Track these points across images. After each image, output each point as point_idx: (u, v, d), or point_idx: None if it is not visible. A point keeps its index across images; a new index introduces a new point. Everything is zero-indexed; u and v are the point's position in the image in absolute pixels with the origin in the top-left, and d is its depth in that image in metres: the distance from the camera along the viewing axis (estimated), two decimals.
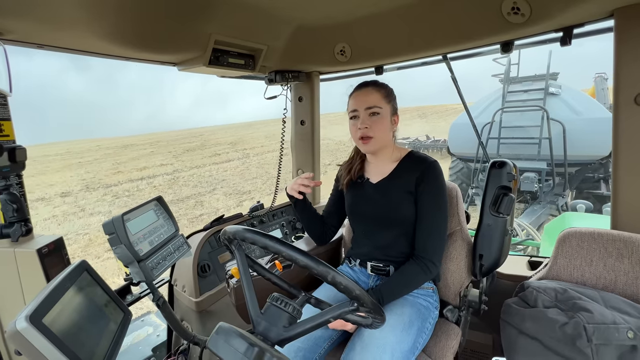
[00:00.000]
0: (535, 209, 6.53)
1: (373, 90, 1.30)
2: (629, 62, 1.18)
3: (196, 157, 20.36)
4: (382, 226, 1.32)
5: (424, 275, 1.23)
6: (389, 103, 1.31)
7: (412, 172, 1.29)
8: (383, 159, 1.37)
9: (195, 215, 9.92)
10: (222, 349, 0.67)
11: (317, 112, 2.14)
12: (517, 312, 1.16)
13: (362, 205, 1.38)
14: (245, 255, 0.88)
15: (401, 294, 1.23)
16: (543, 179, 6.98)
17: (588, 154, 6.94)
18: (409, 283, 1.23)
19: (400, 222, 1.29)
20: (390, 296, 1.20)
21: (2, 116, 1.14)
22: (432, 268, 1.22)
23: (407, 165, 1.32)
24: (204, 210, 10.43)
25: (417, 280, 1.23)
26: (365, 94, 1.31)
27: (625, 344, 0.96)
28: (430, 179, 1.26)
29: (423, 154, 1.35)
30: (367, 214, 1.36)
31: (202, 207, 10.86)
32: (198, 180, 14.51)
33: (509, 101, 7.63)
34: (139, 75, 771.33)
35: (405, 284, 1.22)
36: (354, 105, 1.31)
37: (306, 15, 1.55)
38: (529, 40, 1.43)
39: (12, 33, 1.06)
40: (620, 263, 1.15)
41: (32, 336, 0.59)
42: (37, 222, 9.11)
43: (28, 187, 1.24)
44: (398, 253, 1.31)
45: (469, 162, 8.31)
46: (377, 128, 1.28)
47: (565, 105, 7.20)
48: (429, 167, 1.28)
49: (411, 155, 1.36)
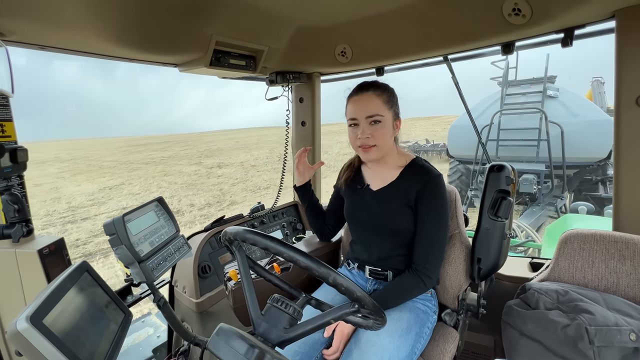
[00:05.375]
0: (534, 211, 6.55)
1: (373, 96, 1.22)
2: (630, 63, 1.18)
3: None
4: (380, 235, 1.30)
5: (419, 289, 1.22)
6: (391, 109, 1.23)
7: (414, 183, 1.24)
8: (385, 165, 1.32)
9: None
10: (223, 350, 0.66)
11: (318, 113, 2.14)
12: (519, 314, 1.16)
13: (361, 212, 1.35)
14: (246, 257, 0.87)
15: (395, 304, 1.22)
16: (542, 181, 7.00)
17: (586, 156, 6.98)
18: (403, 295, 1.22)
19: (397, 232, 1.26)
20: (383, 306, 1.18)
21: (4, 117, 1.14)
22: (428, 282, 1.21)
23: (409, 175, 1.27)
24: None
25: (411, 293, 1.23)
26: (365, 100, 1.22)
27: (627, 346, 0.96)
28: (431, 194, 1.21)
29: (427, 165, 1.30)
30: (365, 221, 1.34)
31: None
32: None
33: (507, 104, 7.67)
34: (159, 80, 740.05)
35: (399, 295, 1.22)
36: (353, 112, 1.24)
37: (307, 16, 1.55)
38: (529, 41, 1.43)
39: (14, 34, 1.06)
40: (622, 265, 1.14)
41: (33, 337, 0.59)
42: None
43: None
44: (396, 262, 1.30)
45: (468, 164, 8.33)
46: (378, 136, 1.21)
47: (563, 107, 7.25)
48: (431, 181, 1.22)
49: (415, 163, 1.30)
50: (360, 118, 1.22)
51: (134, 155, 28.15)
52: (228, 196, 11.74)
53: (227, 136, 47.18)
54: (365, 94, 1.23)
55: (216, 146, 31.17)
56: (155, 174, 17.61)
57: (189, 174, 17.05)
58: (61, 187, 15.02)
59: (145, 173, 18.08)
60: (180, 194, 12.47)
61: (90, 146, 44.09)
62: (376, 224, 1.30)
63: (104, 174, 18.33)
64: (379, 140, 1.22)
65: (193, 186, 13.95)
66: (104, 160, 25.12)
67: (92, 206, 11.44)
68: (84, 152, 33.82)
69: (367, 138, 1.22)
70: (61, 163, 24.67)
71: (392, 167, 1.31)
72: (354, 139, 1.26)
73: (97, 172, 19.18)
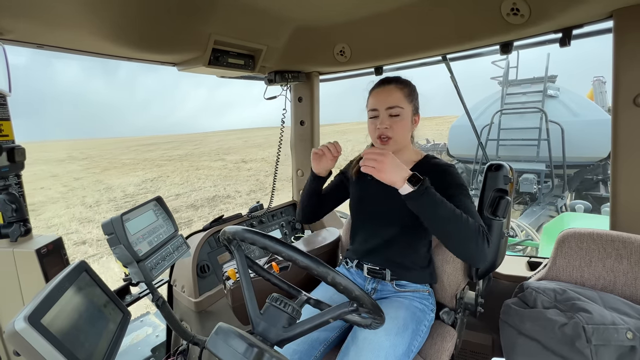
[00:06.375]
0: (535, 210, 6.55)
1: (395, 88, 1.23)
2: (628, 63, 1.19)
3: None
4: (385, 228, 1.31)
5: (478, 234, 1.02)
6: (411, 103, 1.25)
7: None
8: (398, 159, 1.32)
9: None
10: (222, 349, 0.66)
11: (317, 113, 2.14)
12: (517, 313, 1.16)
13: (368, 204, 1.36)
14: (244, 256, 0.87)
15: (441, 209, 1.02)
16: (542, 181, 7.00)
17: (586, 156, 6.97)
18: (458, 216, 1.02)
19: (402, 226, 1.27)
20: (433, 196, 1.02)
21: (2, 116, 1.14)
22: (488, 240, 1.05)
23: (422, 171, 1.21)
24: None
25: (467, 223, 1.02)
26: (387, 92, 1.24)
27: (624, 344, 0.97)
28: (446, 181, 1.18)
29: (439, 160, 1.29)
30: (372, 213, 1.35)
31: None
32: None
33: (507, 103, 7.66)
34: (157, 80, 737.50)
35: (453, 210, 1.03)
36: (374, 104, 1.25)
37: (306, 16, 1.55)
38: (528, 41, 1.43)
39: (12, 33, 1.06)
40: (619, 264, 1.15)
41: (31, 337, 0.59)
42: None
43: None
44: (396, 255, 1.30)
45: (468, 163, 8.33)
46: (397, 128, 1.22)
47: (564, 107, 7.24)
48: (443, 172, 1.21)
49: (427, 160, 1.30)
50: (380, 109, 1.24)
51: (146, 154, 28.49)
52: (266, 185, 12.56)
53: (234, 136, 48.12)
54: (388, 86, 1.25)
55: (226, 145, 31.59)
56: (185, 168, 18.18)
57: (219, 168, 17.72)
58: (103, 180, 15.87)
59: (174, 168, 18.58)
60: (222, 184, 13.43)
61: (98, 146, 45.08)
62: (383, 216, 1.30)
63: (135, 169, 18.83)
64: (397, 132, 1.23)
65: (229, 177, 14.82)
66: (121, 159, 25.43)
67: (147, 193, 12.33)
68: (95, 151, 34.18)
69: (386, 128, 1.23)
70: (79, 161, 25.16)
71: (406, 161, 1.30)
72: (373, 130, 1.27)
73: (125, 169, 19.53)
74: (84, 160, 25.11)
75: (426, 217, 1.06)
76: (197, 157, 23.46)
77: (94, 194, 12.79)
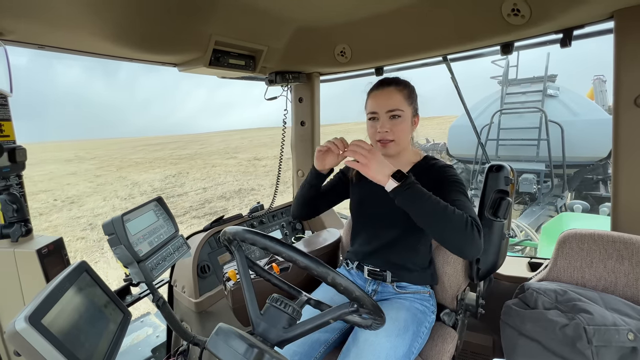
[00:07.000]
0: (534, 210, 6.54)
1: (395, 91, 1.22)
2: (629, 64, 1.19)
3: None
4: (385, 230, 1.31)
5: (467, 226, 1.00)
6: (411, 105, 1.24)
7: (424, 179, 1.17)
8: (398, 161, 1.31)
9: None
10: (222, 350, 0.66)
11: (318, 113, 2.14)
12: (517, 314, 1.16)
13: (369, 206, 1.36)
14: (245, 256, 0.87)
15: (426, 203, 1.01)
16: (542, 181, 7.00)
17: (586, 156, 6.97)
18: (443, 207, 1.01)
19: (404, 228, 1.26)
20: (418, 191, 1.02)
21: (3, 116, 1.14)
22: (478, 227, 1.02)
23: (420, 172, 1.26)
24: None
25: (454, 214, 1.00)
26: (387, 95, 1.23)
27: (625, 345, 0.96)
28: (443, 179, 1.19)
29: (438, 161, 1.30)
30: (373, 215, 1.34)
31: None
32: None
33: (507, 103, 7.65)
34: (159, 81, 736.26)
35: (438, 202, 1.02)
36: (374, 106, 1.24)
37: (306, 17, 1.55)
38: (529, 41, 1.43)
39: (13, 33, 1.06)
40: (621, 265, 1.15)
41: (31, 337, 0.59)
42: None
43: None
44: (397, 257, 1.30)
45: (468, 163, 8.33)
46: (397, 131, 1.22)
47: (564, 107, 7.23)
48: (440, 170, 1.23)
49: (426, 161, 1.31)
50: (380, 112, 1.23)
51: (155, 153, 28.48)
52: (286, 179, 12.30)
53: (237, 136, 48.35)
54: (387, 88, 1.24)
55: (232, 145, 31.65)
56: (201, 166, 18.42)
57: (234, 165, 18.04)
58: (125, 176, 16.16)
59: (190, 165, 18.82)
60: (243, 178, 13.90)
61: (102, 146, 44.88)
62: (384, 217, 1.30)
63: (152, 167, 19.04)
64: (398, 135, 1.22)
65: (248, 173, 15.21)
66: (131, 158, 25.46)
67: (174, 187, 12.68)
68: (100, 151, 34.09)
69: (386, 132, 1.22)
70: (88, 160, 25.10)
71: (405, 163, 1.31)
72: (373, 133, 1.26)
73: (141, 167, 19.62)
74: (92, 160, 25.08)
75: (413, 212, 1.06)
76: (206, 156, 23.55)
77: (124, 189, 13.13)
